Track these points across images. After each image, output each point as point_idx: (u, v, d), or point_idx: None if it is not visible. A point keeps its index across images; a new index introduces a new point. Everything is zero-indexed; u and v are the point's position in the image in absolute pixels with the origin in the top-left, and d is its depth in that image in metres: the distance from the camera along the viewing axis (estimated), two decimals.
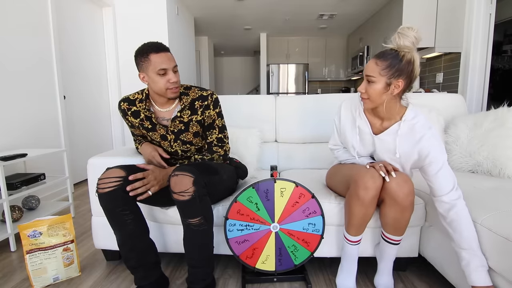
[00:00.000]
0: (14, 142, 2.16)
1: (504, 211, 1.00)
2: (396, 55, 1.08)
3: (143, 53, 1.19)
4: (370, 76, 1.11)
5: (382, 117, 1.20)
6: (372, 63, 1.11)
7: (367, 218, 1.16)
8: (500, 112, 1.55)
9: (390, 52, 1.10)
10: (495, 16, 2.85)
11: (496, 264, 0.93)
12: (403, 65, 1.07)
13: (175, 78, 1.22)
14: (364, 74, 1.14)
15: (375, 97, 1.12)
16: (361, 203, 1.12)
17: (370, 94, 1.12)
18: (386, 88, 1.10)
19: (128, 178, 1.13)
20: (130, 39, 3.75)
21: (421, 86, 3.87)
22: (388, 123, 1.19)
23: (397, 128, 1.16)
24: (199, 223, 1.10)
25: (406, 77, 1.09)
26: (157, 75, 1.20)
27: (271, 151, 1.97)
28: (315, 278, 1.36)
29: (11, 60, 2.15)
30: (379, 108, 1.17)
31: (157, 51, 1.19)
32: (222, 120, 1.37)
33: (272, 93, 6.52)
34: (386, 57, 1.09)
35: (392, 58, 1.08)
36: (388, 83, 1.09)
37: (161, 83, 1.21)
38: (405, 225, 1.16)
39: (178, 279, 1.37)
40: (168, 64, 1.20)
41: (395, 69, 1.07)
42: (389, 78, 1.08)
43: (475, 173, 1.57)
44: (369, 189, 1.09)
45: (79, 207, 2.37)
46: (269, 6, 4.81)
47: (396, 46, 1.09)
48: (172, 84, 1.22)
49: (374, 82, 1.10)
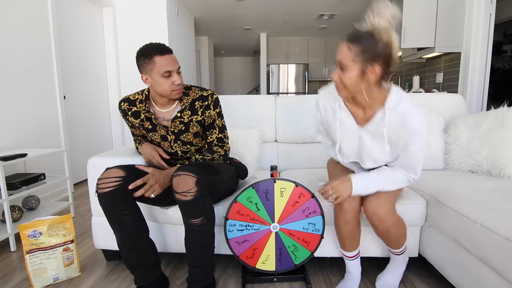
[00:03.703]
0: (14, 142, 2.16)
1: (504, 211, 1.00)
2: (371, 38, 0.93)
3: (147, 54, 1.18)
4: (343, 63, 0.98)
5: (364, 105, 1.07)
6: (344, 47, 0.97)
7: (355, 234, 1.18)
8: (500, 112, 1.55)
9: (365, 34, 0.95)
10: (495, 16, 2.84)
11: (496, 264, 0.93)
12: (379, 49, 0.93)
13: (180, 80, 1.23)
14: (336, 59, 1.01)
15: (351, 86, 1.00)
16: (344, 221, 1.14)
17: (345, 83, 1.00)
18: (362, 75, 0.97)
19: (127, 178, 1.13)
20: (130, 39, 3.74)
21: (421, 86, 3.86)
22: (372, 111, 1.07)
23: (382, 117, 1.04)
24: (201, 223, 1.10)
25: (383, 62, 0.95)
26: (162, 77, 1.19)
27: (271, 151, 1.97)
28: (315, 278, 1.36)
29: (11, 58, 2.15)
30: (359, 96, 1.04)
31: (162, 53, 1.18)
32: (222, 120, 1.37)
33: (272, 93, 6.52)
34: (360, 40, 0.94)
35: (366, 41, 0.93)
36: (363, 69, 0.96)
37: (166, 85, 1.21)
38: (395, 241, 1.15)
39: (178, 279, 1.37)
40: (173, 67, 1.20)
41: (371, 54, 0.93)
42: (364, 64, 0.95)
43: (475, 173, 1.57)
44: (346, 210, 1.12)
45: (79, 207, 2.37)
46: (269, 6, 4.81)
47: (370, 26, 0.95)
48: (177, 86, 1.23)
49: (347, 69, 0.97)
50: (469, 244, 1.04)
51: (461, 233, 1.08)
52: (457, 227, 1.10)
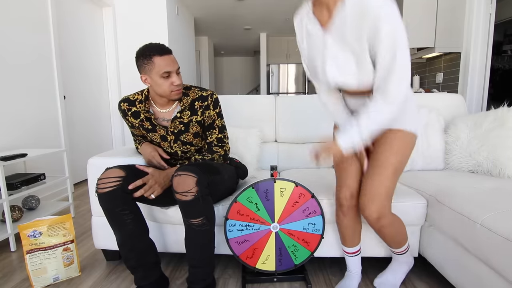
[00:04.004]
0: (14, 142, 2.16)
1: (504, 211, 1.00)
2: None
3: (146, 55, 1.18)
4: None
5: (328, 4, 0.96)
6: None
7: (356, 229, 1.20)
8: (500, 112, 1.55)
9: None
10: (495, 16, 2.84)
11: (496, 264, 0.93)
12: None
13: (179, 81, 1.22)
14: None
15: None
16: (342, 213, 1.17)
17: None
18: None
19: (127, 178, 1.13)
20: (130, 39, 3.74)
21: (421, 86, 3.86)
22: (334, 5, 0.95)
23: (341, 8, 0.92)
24: (201, 223, 1.10)
25: None
26: (161, 78, 1.19)
27: (271, 151, 1.97)
28: (315, 278, 1.36)
29: (10, 52, 2.15)
30: None
31: (161, 54, 1.18)
32: (222, 120, 1.37)
33: (272, 93, 6.52)
34: None
35: None
36: None
37: (165, 85, 1.21)
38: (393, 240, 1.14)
39: (178, 279, 1.37)
40: (172, 67, 1.20)
41: None
42: None
43: (475, 173, 1.57)
44: (342, 205, 1.15)
45: (79, 207, 2.37)
46: (269, 6, 4.81)
47: None
48: (176, 87, 1.23)
49: None
50: (469, 244, 1.04)
51: (461, 233, 1.08)
52: (457, 227, 1.10)
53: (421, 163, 1.69)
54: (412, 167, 1.70)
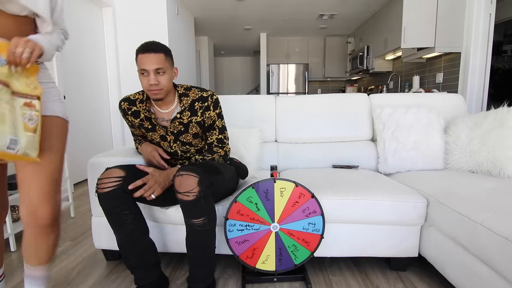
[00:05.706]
0: None
1: (504, 211, 1.00)
2: None
3: (136, 52, 1.22)
4: None
5: None
6: None
7: None
8: (500, 112, 1.55)
9: None
10: (495, 16, 2.84)
11: (496, 264, 0.93)
12: None
13: (153, 81, 1.18)
14: None
15: None
16: None
17: None
18: None
19: (127, 178, 1.13)
20: (130, 39, 3.74)
21: (421, 86, 3.86)
22: None
23: None
24: (202, 223, 1.10)
25: None
26: (141, 75, 1.21)
27: (271, 151, 1.97)
28: (315, 278, 1.36)
29: None
30: None
31: (144, 52, 1.19)
32: (222, 121, 1.37)
33: (272, 93, 6.52)
34: None
35: None
36: None
37: (143, 83, 1.22)
38: None
39: (178, 279, 1.37)
40: (149, 66, 1.18)
41: None
42: None
43: (475, 173, 1.57)
44: None
45: (79, 207, 2.37)
46: (269, 6, 4.81)
47: None
48: (151, 87, 1.20)
49: None
50: (469, 244, 1.04)
51: (461, 233, 1.08)
52: (457, 227, 1.10)
53: (421, 163, 1.69)
54: (412, 167, 1.70)
